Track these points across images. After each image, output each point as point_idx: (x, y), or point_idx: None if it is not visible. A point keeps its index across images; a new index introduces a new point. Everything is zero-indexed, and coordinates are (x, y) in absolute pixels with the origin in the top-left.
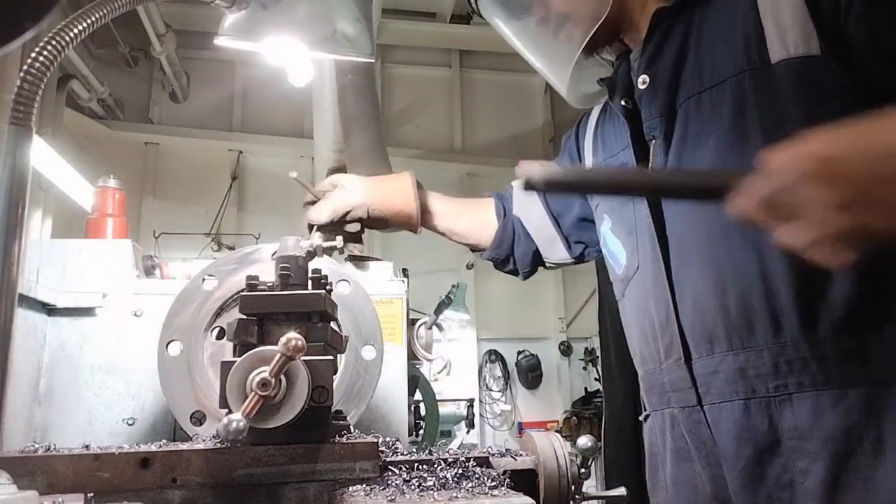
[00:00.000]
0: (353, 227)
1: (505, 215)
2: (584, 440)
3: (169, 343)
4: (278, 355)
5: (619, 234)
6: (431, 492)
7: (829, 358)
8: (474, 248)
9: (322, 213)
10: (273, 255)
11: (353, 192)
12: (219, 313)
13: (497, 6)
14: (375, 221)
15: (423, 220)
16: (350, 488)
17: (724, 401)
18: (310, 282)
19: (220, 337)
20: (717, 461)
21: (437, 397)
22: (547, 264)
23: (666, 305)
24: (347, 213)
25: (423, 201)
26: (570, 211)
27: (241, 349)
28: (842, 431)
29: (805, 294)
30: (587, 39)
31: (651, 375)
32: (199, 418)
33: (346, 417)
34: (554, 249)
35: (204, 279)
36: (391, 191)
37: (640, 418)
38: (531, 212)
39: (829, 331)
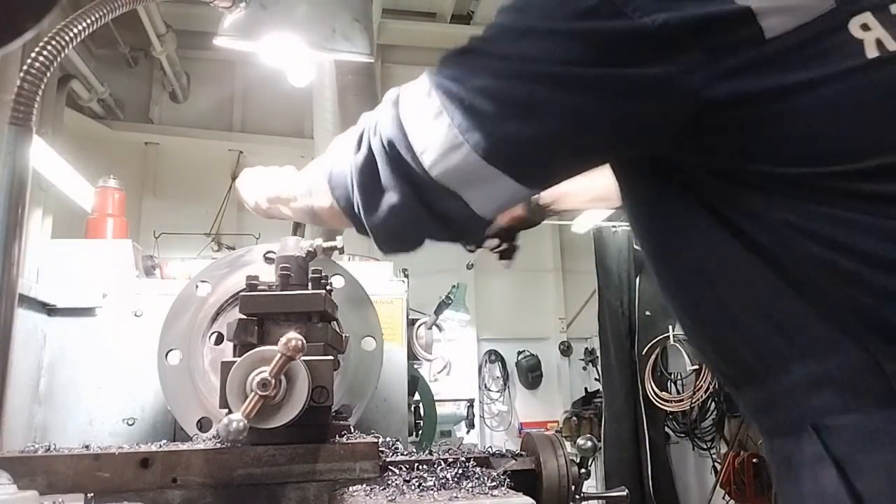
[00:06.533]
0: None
1: None
2: (584, 440)
3: (168, 352)
4: (278, 355)
5: None
6: (431, 492)
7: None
8: None
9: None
10: (265, 255)
11: None
12: (215, 318)
13: None
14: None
15: (554, 208)
16: (350, 488)
17: None
18: (310, 282)
19: (218, 342)
20: None
21: (437, 397)
22: None
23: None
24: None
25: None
26: None
27: (241, 349)
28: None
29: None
30: None
31: None
32: (204, 425)
33: (346, 418)
34: None
35: (197, 286)
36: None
37: None
38: None
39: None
